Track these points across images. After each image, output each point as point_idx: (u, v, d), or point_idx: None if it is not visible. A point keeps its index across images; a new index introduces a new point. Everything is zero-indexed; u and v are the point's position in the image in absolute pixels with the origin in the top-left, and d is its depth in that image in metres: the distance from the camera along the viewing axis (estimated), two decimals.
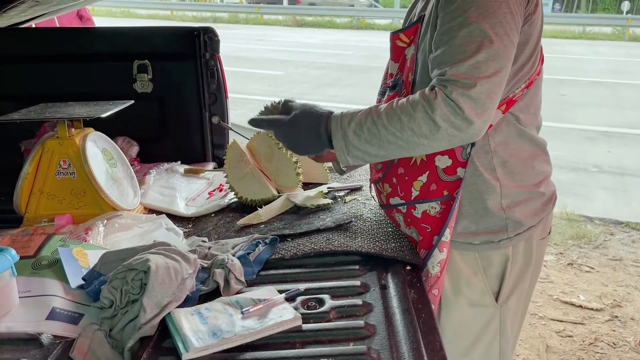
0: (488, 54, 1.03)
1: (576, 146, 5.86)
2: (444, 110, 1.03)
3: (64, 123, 1.43)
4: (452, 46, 1.06)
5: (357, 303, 1.05)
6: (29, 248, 1.19)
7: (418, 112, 1.05)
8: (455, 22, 1.06)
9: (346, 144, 1.12)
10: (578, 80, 9.52)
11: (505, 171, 1.24)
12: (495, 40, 1.04)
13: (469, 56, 1.03)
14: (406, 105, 1.07)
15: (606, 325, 2.83)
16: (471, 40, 1.04)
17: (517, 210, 1.25)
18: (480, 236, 1.26)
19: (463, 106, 1.02)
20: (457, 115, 1.03)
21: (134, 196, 1.56)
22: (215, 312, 1.00)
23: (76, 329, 1.00)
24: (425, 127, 1.05)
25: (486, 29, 1.04)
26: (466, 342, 1.34)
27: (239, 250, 1.25)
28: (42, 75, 1.94)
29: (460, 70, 1.03)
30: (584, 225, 4.00)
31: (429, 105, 1.04)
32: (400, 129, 1.07)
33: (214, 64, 1.96)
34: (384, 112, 1.09)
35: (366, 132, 1.10)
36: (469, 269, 1.29)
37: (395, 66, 1.33)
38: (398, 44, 1.31)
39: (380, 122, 1.09)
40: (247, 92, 8.22)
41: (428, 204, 1.25)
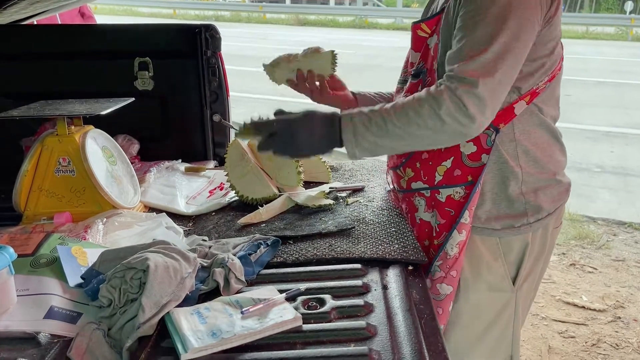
0: (496, 54, 1.08)
1: (579, 146, 5.83)
2: (449, 106, 1.08)
3: (64, 120, 1.42)
4: (465, 44, 1.11)
5: (359, 303, 1.04)
6: (28, 246, 1.17)
7: (424, 108, 1.10)
8: (471, 21, 1.11)
9: (356, 137, 1.15)
10: (581, 80, 9.49)
11: (528, 159, 1.29)
12: (506, 41, 1.08)
13: (478, 54, 1.08)
14: (413, 102, 1.12)
15: (609, 326, 2.82)
16: (483, 39, 1.09)
17: (536, 196, 1.31)
18: (502, 220, 1.31)
19: (467, 103, 1.07)
20: (460, 112, 1.08)
21: (134, 194, 1.55)
22: (215, 312, 0.99)
23: (74, 328, 0.99)
24: (431, 121, 1.10)
25: (500, 29, 1.08)
26: (481, 326, 1.39)
27: (240, 251, 1.24)
28: (43, 72, 1.93)
29: (468, 68, 1.08)
30: (587, 226, 3.98)
31: (435, 101, 1.09)
32: (406, 123, 1.12)
33: (215, 61, 1.95)
34: (391, 108, 1.14)
35: (374, 126, 1.14)
36: (490, 255, 1.34)
37: (416, 55, 1.35)
38: (419, 33, 1.33)
39: (388, 118, 1.13)
40: (248, 91, 8.21)
41: (452, 189, 1.29)
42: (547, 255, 1.43)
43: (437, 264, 1.32)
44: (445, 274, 1.32)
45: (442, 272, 1.32)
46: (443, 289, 1.33)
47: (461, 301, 1.37)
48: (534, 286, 1.44)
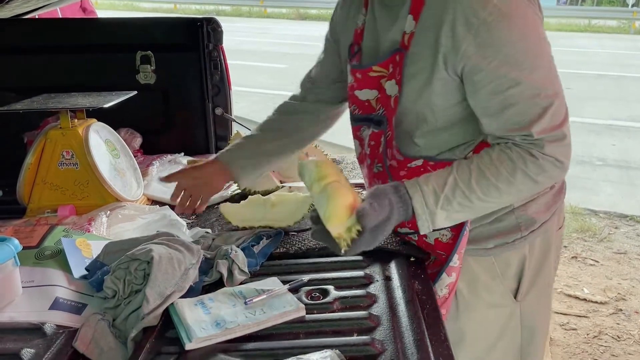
0: (558, 100, 1.01)
1: (581, 139, 5.83)
2: (546, 167, 1.01)
3: (67, 113, 1.42)
4: (521, 107, 1.00)
5: (361, 294, 1.05)
6: (32, 238, 1.18)
7: (518, 178, 1.02)
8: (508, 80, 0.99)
9: (433, 221, 1.04)
10: (583, 73, 9.46)
11: None
12: (555, 80, 1.03)
13: (546, 109, 0.99)
14: (501, 172, 1.02)
15: (610, 318, 2.82)
16: (538, 93, 0.99)
17: (527, 209, 1.21)
18: (494, 239, 1.22)
19: (561, 158, 1.02)
20: (557, 168, 1.03)
21: (137, 187, 1.56)
22: (219, 303, 1.00)
23: (79, 318, 1.00)
24: (526, 188, 1.05)
25: (545, 74, 1.01)
26: (488, 342, 1.31)
27: (243, 242, 1.25)
28: (45, 66, 1.94)
29: (546, 126, 1.00)
30: (589, 219, 3.98)
31: (533, 169, 1.01)
32: (498, 196, 1.03)
33: (217, 55, 1.95)
34: (475, 183, 1.02)
35: (456, 205, 1.03)
36: (487, 275, 1.25)
37: (373, 93, 1.18)
38: (371, 74, 1.16)
39: (474, 195, 1.02)
40: (250, 85, 8.20)
41: (439, 232, 1.19)
42: (554, 258, 1.33)
43: None
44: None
45: None
46: None
47: (464, 320, 1.28)
48: (544, 291, 1.33)
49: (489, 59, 0.99)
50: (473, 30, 0.98)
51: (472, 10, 0.97)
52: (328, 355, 0.84)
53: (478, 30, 0.97)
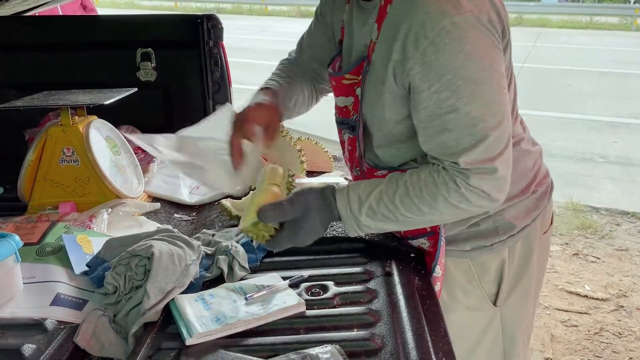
0: (495, 133, 0.97)
1: (582, 136, 5.82)
2: (469, 198, 0.99)
3: (67, 110, 1.43)
4: (454, 130, 0.97)
5: (361, 290, 1.05)
6: (33, 235, 1.18)
7: (440, 203, 1.00)
8: (450, 100, 0.96)
9: (359, 226, 1.05)
10: (585, 70, 9.44)
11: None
12: (497, 113, 0.98)
13: (479, 141, 0.96)
14: (422, 194, 1.01)
15: (611, 315, 2.82)
16: (475, 121, 0.96)
17: (505, 214, 1.18)
18: (471, 242, 1.20)
19: (488, 191, 0.99)
20: (482, 200, 1.00)
21: (138, 184, 1.56)
22: (219, 298, 1.00)
23: (80, 314, 1.00)
24: (449, 214, 1.03)
25: (487, 103, 0.97)
26: (468, 344, 1.29)
27: (242, 238, 1.25)
28: (46, 63, 1.94)
29: (476, 158, 0.97)
30: (590, 216, 3.98)
31: (454, 196, 0.99)
32: (420, 214, 1.02)
33: (217, 52, 1.95)
34: (398, 200, 1.02)
35: (380, 216, 1.04)
36: (464, 277, 1.23)
37: (349, 100, 1.18)
38: (345, 82, 1.16)
39: (397, 211, 1.02)
40: (250, 83, 8.18)
41: (418, 240, 1.20)
42: (540, 262, 1.30)
43: None
44: None
45: None
46: None
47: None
48: (524, 298, 1.30)
49: (431, 82, 0.96)
50: (420, 49, 0.95)
51: (423, 28, 0.95)
52: (328, 350, 0.84)
53: (425, 50, 0.95)
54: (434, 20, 0.94)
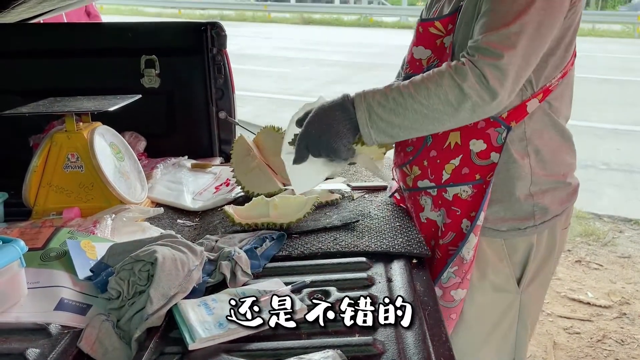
0: (522, 27, 1.04)
1: (585, 143, 5.81)
2: (472, 79, 1.04)
3: (72, 117, 1.44)
4: (490, 17, 1.07)
5: (364, 295, 1.05)
6: (38, 240, 1.19)
7: (445, 80, 1.06)
8: None
9: (370, 115, 1.10)
10: (587, 77, 9.45)
11: (538, 159, 1.25)
12: (533, 17, 1.04)
13: (504, 25, 1.04)
14: (433, 75, 1.08)
15: (614, 322, 2.82)
16: (510, 12, 1.04)
17: (544, 197, 1.27)
18: (508, 222, 1.28)
19: (488, 76, 1.03)
20: (482, 84, 1.04)
21: (141, 190, 1.57)
22: (222, 303, 1.01)
23: (84, 319, 1.01)
24: (452, 94, 1.06)
25: (528, 4, 1.04)
26: (486, 327, 1.35)
27: (246, 244, 1.26)
28: (51, 70, 1.96)
29: (492, 39, 1.04)
30: (593, 223, 3.97)
31: (457, 73, 1.05)
32: (426, 96, 1.07)
33: (221, 59, 1.96)
34: (410, 82, 1.09)
35: (392, 102, 1.09)
36: (495, 256, 1.31)
37: (426, 52, 1.29)
38: (432, 30, 1.27)
39: (406, 92, 1.08)
40: (254, 90, 8.23)
41: (460, 187, 1.25)
42: (556, 256, 1.38)
43: (452, 270, 1.27)
44: (461, 279, 1.28)
45: (457, 277, 1.28)
46: (458, 295, 1.30)
47: (466, 302, 1.32)
48: (541, 289, 1.39)
49: None
50: None
51: None
52: (330, 355, 0.84)
53: None
54: None
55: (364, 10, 19.67)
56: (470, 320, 1.34)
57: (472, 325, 1.34)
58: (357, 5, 24.07)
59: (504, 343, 1.38)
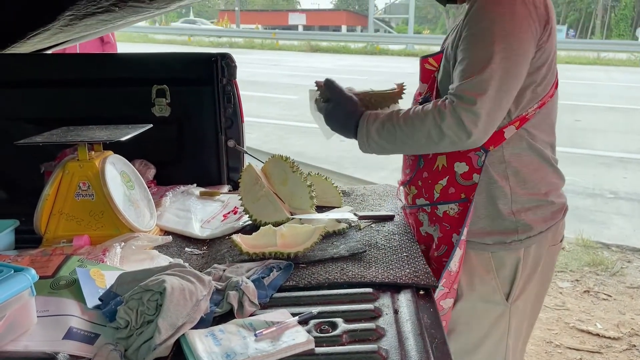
0: (491, 74, 1.19)
1: (592, 172, 5.81)
2: (450, 121, 1.21)
3: (85, 146, 1.46)
4: (465, 65, 1.23)
5: (370, 327, 1.05)
6: (48, 268, 1.20)
7: (428, 120, 1.24)
8: (471, 44, 1.24)
9: (367, 138, 1.34)
10: (593, 106, 9.48)
11: (517, 180, 1.39)
12: (502, 62, 1.20)
13: (475, 74, 1.20)
14: (420, 113, 1.27)
15: (624, 354, 2.77)
16: (480, 60, 1.20)
17: (526, 215, 1.39)
18: (494, 236, 1.40)
19: (465, 120, 1.20)
20: (459, 127, 1.21)
21: (150, 218, 1.58)
22: (229, 334, 1.01)
23: (92, 348, 1.01)
24: (433, 132, 1.24)
25: (497, 50, 1.19)
26: (476, 336, 1.45)
27: (253, 274, 1.27)
28: (64, 99, 1.99)
29: (466, 87, 1.20)
30: (601, 252, 3.94)
31: (439, 115, 1.22)
32: (412, 132, 1.27)
33: (230, 89, 2.00)
34: (402, 117, 1.29)
35: (385, 132, 1.30)
36: (483, 268, 1.43)
37: (424, 86, 1.51)
38: (427, 67, 1.50)
39: (397, 125, 1.29)
40: (262, 116, 8.31)
41: (448, 205, 1.42)
42: (545, 273, 1.48)
43: (441, 282, 1.37)
44: (449, 290, 1.39)
45: (445, 288, 1.38)
46: (447, 303, 1.40)
47: (457, 309, 1.45)
48: (530, 305, 1.48)
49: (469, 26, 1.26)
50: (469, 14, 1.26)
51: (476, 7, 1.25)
52: None
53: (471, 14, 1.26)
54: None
55: (371, 39, 19.93)
56: (461, 327, 1.45)
57: (462, 332, 1.45)
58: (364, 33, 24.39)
59: (493, 355, 1.46)
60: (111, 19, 2.05)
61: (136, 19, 2.25)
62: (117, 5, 1.85)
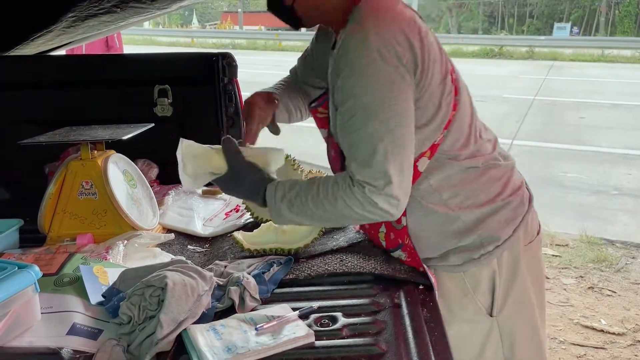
0: (386, 152, 1.08)
1: (596, 169, 5.80)
2: (364, 206, 1.10)
3: (87, 145, 1.48)
4: (353, 147, 1.13)
5: (370, 321, 1.07)
6: (52, 266, 1.22)
7: (339, 202, 1.13)
8: (350, 122, 1.12)
9: (279, 215, 1.19)
10: (597, 103, 9.45)
11: (458, 200, 1.27)
12: (388, 136, 1.09)
13: (369, 159, 1.09)
14: (330, 195, 1.14)
15: (628, 350, 2.77)
16: (367, 142, 1.09)
17: (485, 226, 1.28)
18: (461, 255, 1.29)
19: (379, 203, 1.10)
20: (375, 209, 1.11)
21: (153, 216, 1.60)
22: (230, 329, 1.02)
23: (95, 344, 1.03)
24: (348, 213, 1.13)
25: (378, 128, 1.09)
26: (471, 355, 1.36)
27: (254, 270, 1.28)
28: (67, 100, 2.01)
29: (368, 174, 1.09)
30: (605, 249, 3.93)
31: (351, 200, 1.11)
32: (324, 211, 1.15)
33: (231, 88, 2.01)
34: (310, 198, 1.15)
35: (296, 208, 1.17)
36: (459, 291, 1.32)
37: (325, 131, 1.41)
38: (319, 116, 1.41)
39: (307, 206, 1.16)
40: None
41: (396, 252, 1.32)
42: (529, 273, 1.36)
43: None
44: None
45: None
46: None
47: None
48: (520, 306, 1.36)
49: (340, 104, 1.14)
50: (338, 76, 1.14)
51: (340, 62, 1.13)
52: None
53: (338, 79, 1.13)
54: (348, 51, 1.11)
55: None
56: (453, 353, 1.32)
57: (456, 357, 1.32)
58: None
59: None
60: (113, 20, 2.06)
61: (138, 19, 2.27)
62: (118, 7, 1.87)
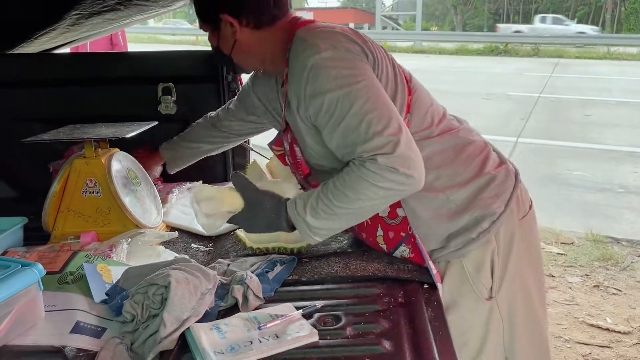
0: (379, 119, 1.12)
1: (602, 166, 5.77)
2: (385, 176, 1.11)
3: (91, 143, 1.48)
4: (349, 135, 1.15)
5: (374, 321, 1.06)
6: (56, 264, 1.22)
7: (361, 185, 1.13)
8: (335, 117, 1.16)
9: (309, 228, 1.20)
10: (603, 100, 9.40)
11: (445, 180, 1.30)
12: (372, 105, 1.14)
13: (367, 133, 1.12)
14: (349, 183, 1.15)
15: (634, 348, 2.75)
16: (358, 121, 1.13)
17: (477, 203, 1.30)
18: (460, 238, 1.30)
19: (396, 166, 1.10)
20: (397, 176, 1.11)
21: (156, 214, 1.59)
22: (234, 327, 1.02)
23: (99, 342, 1.03)
24: (372, 194, 1.13)
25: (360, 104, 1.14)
26: (475, 344, 1.35)
27: (257, 269, 1.27)
28: (71, 98, 2.01)
29: (373, 147, 1.12)
30: (611, 247, 3.91)
31: (370, 176, 1.12)
32: (349, 202, 1.15)
33: (235, 86, 2.01)
34: (330, 193, 1.17)
35: (322, 213, 1.18)
36: (458, 278, 1.33)
37: (288, 168, 1.47)
38: (276, 153, 1.48)
39: (331, 204, 1.16)
40: None
41: (399, 250, 1.32)
42: (524, 249, 1.37)
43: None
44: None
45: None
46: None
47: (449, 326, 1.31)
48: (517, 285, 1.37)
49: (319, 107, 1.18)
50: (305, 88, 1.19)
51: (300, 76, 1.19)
52: None
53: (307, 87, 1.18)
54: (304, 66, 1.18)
55: (378, 36, 19.85)
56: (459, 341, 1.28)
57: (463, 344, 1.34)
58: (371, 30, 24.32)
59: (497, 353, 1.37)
60: (117, 17, 2.06)
61: (142, 17, 2.26)
62: (122, 4, 1.86)
